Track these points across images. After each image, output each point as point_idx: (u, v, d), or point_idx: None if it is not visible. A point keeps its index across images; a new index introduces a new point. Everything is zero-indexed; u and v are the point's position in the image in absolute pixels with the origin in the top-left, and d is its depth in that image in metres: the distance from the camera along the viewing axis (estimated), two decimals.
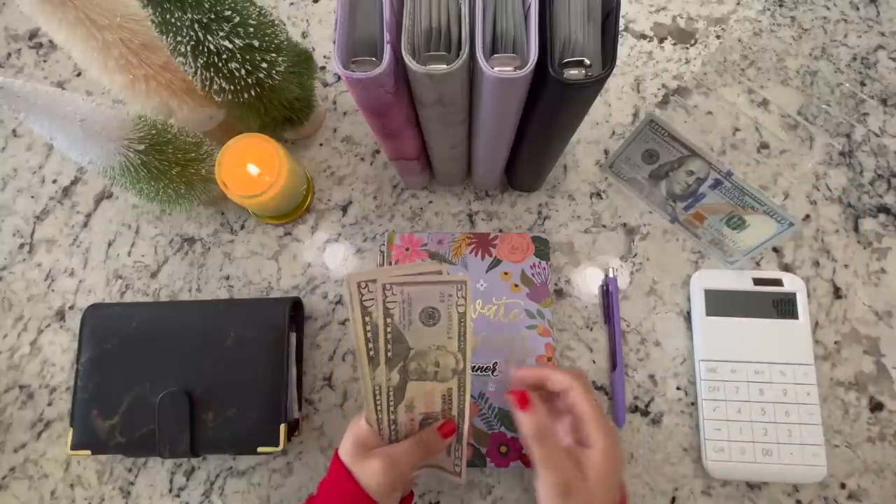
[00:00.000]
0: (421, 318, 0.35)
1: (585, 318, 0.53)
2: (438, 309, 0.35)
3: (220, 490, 0.51)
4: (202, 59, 0.41)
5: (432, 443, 0.38)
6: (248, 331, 0.49)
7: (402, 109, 0.38)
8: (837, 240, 0.54)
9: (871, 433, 0.49)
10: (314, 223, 0.57)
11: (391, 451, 0.37)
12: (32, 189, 0.59)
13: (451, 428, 0.39)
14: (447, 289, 0.35)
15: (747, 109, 0.57)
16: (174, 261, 0.56)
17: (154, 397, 0.47)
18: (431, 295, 0.35)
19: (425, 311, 0.35)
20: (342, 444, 0.38)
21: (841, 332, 0.52)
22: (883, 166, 0.55)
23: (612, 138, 0.58)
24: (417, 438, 0.38)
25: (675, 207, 0.53)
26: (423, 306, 0.35)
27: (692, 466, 0.49)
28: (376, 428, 0.38)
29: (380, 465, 0.36)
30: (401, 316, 0.35)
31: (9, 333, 0.55)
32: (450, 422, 0.39)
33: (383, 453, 0.36)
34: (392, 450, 0.37)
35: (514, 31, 0.32)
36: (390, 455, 0.36)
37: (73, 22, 0.39)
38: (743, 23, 0.60)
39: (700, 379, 0.50)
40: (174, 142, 0.47)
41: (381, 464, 0.36)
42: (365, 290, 0.34)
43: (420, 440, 0.38)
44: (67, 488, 0.52)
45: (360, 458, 0.37)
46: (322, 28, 0.62)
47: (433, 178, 0.56)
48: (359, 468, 0.36)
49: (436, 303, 0.35)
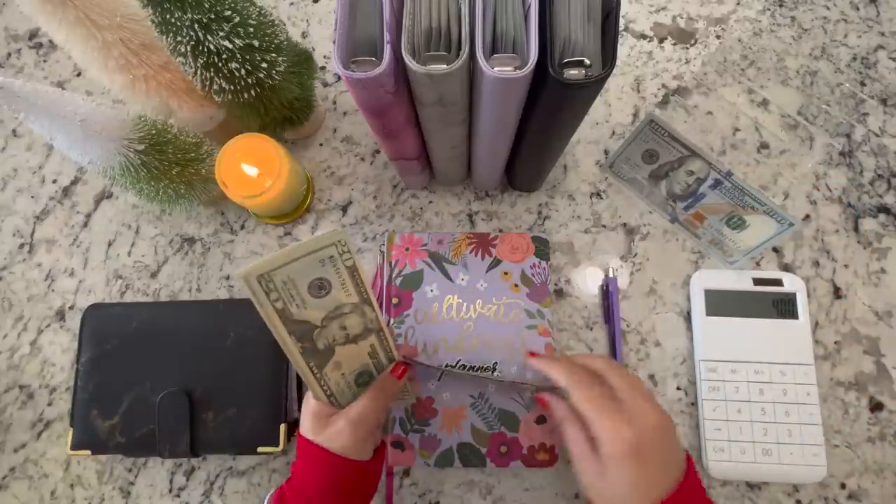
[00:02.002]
0: (311, 292, 0.34)
1: (585, 318, 0.53)
2: (324, 276, 0.34)
3: (220, 490, 0.51)
4: (202, 59, 0.41)
5: (388, 387, 0.40)
6: (248, 331, 0.49)
7: (402, 109, 0.38)
8: (837, 240, 0.54)
9: (871, 433, 0.49)
10: (314, 223, 0.57)
11: (350, 410, 0.38)
12: (32, 189, 0.59)
13: (402, 368, 0.41)
14: (325, 253, 0.34)
15: (747, 109, 0.57)
16: (174, 261, 0.56)
17: (154, 397, 0.47)
18: (311, 266, 0.34)
19: (313, 283, 0.34)
20: (301, 424, 0.39)
21: (841, 332, 0.52)
22: (883, 166, 0.55)
23: (612, 138, 0.58)
24: (374, 388, 0.39)
25: (675, 207, 0.53)
26: (309, 280, 0.34)
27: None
28: (326, 402, 0.39)
29: (344, 424, 0.37)
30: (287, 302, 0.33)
31: (9, 333, 0.55)
32: (399, 363, 0.41)
33: (343, 414, 0.38)
34: (352, 408, 0.38)
35: (514, 31, 0.32)
36: (350, 413, 0.37)
37: (73, 22, 0.39)
38: (743, 23, 0.60)
39: (700, 379, 0.50)
40: (174, 142, 0.47)
41: (345, 423, 0.37)
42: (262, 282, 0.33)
43: (376, 388, 0.39)
44: (67, 488, 0.52)
45: (321, 428, 0.38)
46: (322, 28, 0.62)
47: (433, 178, 0.56)
48: (323, 437, 0.37)
49: (319, 271, 0.34)
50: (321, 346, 0.36)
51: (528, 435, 0.49)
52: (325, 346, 0.36)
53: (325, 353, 0.36)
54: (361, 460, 0.38)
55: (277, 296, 0.33)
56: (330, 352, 0.37)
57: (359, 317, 0.37)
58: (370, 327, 0.38)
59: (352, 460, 0.37)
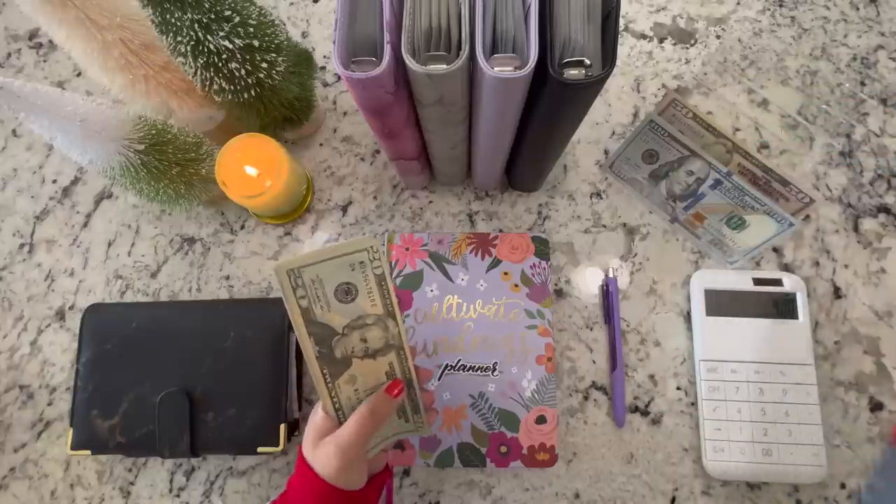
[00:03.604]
0: (337, 296, 0.34)
1: (585, 318, 0.53)
2: (352, 282, 0.34)
3: (220, 490, 0.51)
4: (202, 59, 0.41)
5: (378, 408, 0.37)
6: (248, 331, 0.49)
7: (402, 109, 0.38)
8: (837, 240, 0.54)
9: (871, 433, 0.49)
10: (314, 223, 0.57)
11: (338, 433, 0.36)
12: (32, 189, 0.59)
13: (398, 386, 0.38)
14: (357, 258, 0.33)
15: (747, 109, 0.57)
16: (174, 261, 0.56)
17: (154, 397, 0.47)
18: (341, 269, 0.33)
19: (340, 287, 0.34)
20: (303, 438, 0.38)
21: (841, 332, 0.52)
22: (883, 166, 0.55)
23: (612, 138, 0.57)
24: (360, 412, 0.37)
25: (675, 207, 0.53)
26: (337, 283, 0.34)
27: (692, 466, 0.49)
28: (334, 416, 0.37)
29: (331, 449, 0.35)
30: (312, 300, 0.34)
31: (9, 333, 0.55)
32: (396, 380, 0.38)
33: (332, 438, 0.36)
34: (339, 433, 0.36)
35: (514, 31, 0.32)
36: (338, 438, 0.36)
37: (73, 22, 0.39)
38: (743, 23, 0.60)
39: (700, 379, 0.50)
40: (174, 142, 0.47)
41: (332, 448, 0.35)
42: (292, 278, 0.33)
43: (364, 412, 0.37)
44: (67, 488, 0.52)
45: (315, 448, 0.37)
46: (322, 28, 0.62)
47: (433, 178, 0.56)
48: (313, 458, 0.36)
49: (348, 275, 0.34)
50: (338, 355, 0.36)
51: (528, 435, 0.49)
52: (343, 355, 0.36)
53: (341, 363, 0.36)
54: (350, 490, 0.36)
55: (304, 293, 0.33)
56: (346, 363, 0.36)
57: (381, 330, 0.36)
58: (391, 343, 0.37)
59: (340, 489, 0.35)
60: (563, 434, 0.51)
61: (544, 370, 0.50)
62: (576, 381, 0.52)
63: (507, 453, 0.49)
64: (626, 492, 0.49)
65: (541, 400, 0.49)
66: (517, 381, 0.50)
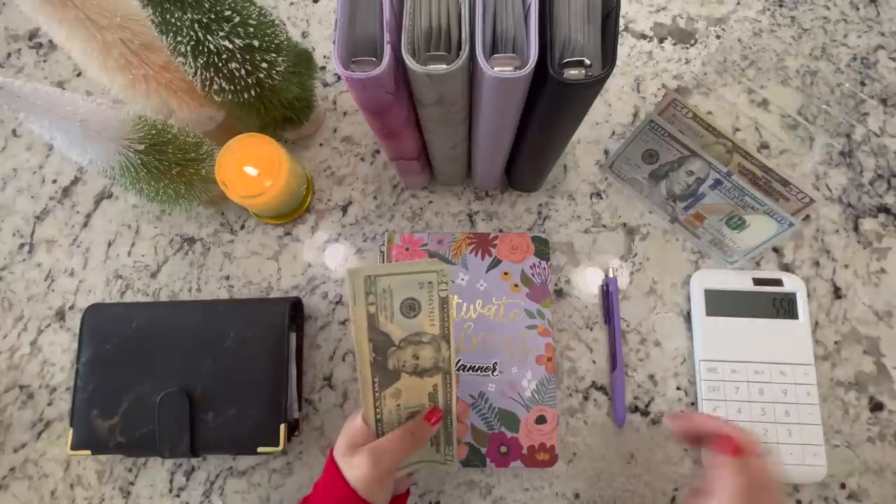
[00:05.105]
0: (402, 309, 0.35)
1: (585, 318, 0.53)
2: (418, 299, 0.35)
3: (220, 490, 0.51)
4: (202, 59, 0.41)
5: (419, 431, 0.38)
6: (248, 331, 0.49)
7: (402, 109, 0.38)
8: (837, 240, 0.54)
9: (871, 433, 0.49)
10: (314, 223, 0.57)
11: (377, 444, 0.37)
12: (32, 189, 0.59)
13: (437, 415, 0.39)
14: (426, 277, 0.35)
15: (747, 109, 0.57)
16: (174, 261, 0.56)
17: (154, 397, 0.47)
18: (410, 284, 0.35)
19: (406, 302, 0.35)
20: (337, 442, 0.38)
21: (841, 332, 0.52)
22: (883, 166, 0.55)
23: (612, 138, 0.57)
24: (404, 429, 0.38)
25: (675, 207, 0.53)
26: (404, 297, 0.35)
27: (692, 466, 0.49)
28: (373, 426, 0.38)
29: (366, 459, 0.36)
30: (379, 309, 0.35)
31: (9, 333, 0.55)
32: (436, 409, 0.39)
33: (369, 448, 0.36)
34: (378, 443, 0.37)
35: (514, 31, 0.32)
36: (376, 449, 0.36)
37: (73, 22, 0.39)
38: (743, 23, 0.60)
39: (700, 379, 0.50)
40: (174, 142, 0.47)
41: (367, 458, 0.36)
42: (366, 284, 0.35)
43: (406, 430, 0.38)
44: (67, 488, 0.52)
45: (349, 455, 0.37)
46: (322, 28, 0.62)
47: (433, 178, 0.56)
48: (346, 464, 0.36)
49: (415, 292, 0.35)
50: (390, 366, 0.36)
51: (528, 435, 0.49)
52: (394, 367, 0.36)
53: (391, 375, 0.37)
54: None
55: (374, 300, 0.35)
56: (395, 376, 0.37)
57: (433, 350, 0.37)
58: (440, 366, 0.37)
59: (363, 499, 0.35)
60: (563, 434, 0.51)
61: (544, 370, 0.50)
62: (576, 381, 0.52)
63: (507, 453, 0.49)
64: (626, 492, 0.49)
65: (541, 400, 0.49)
66: (517, 381, 0.50)
